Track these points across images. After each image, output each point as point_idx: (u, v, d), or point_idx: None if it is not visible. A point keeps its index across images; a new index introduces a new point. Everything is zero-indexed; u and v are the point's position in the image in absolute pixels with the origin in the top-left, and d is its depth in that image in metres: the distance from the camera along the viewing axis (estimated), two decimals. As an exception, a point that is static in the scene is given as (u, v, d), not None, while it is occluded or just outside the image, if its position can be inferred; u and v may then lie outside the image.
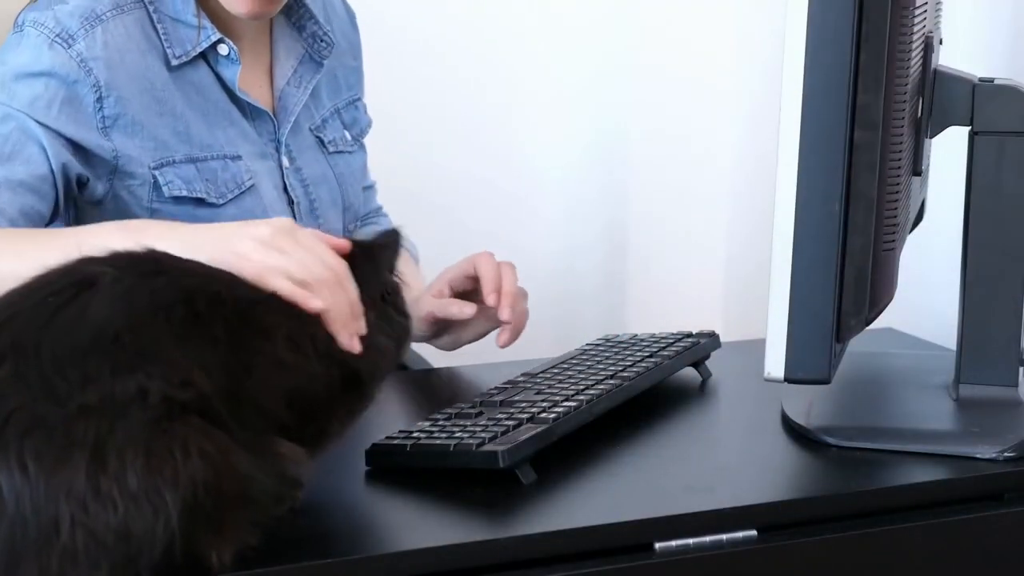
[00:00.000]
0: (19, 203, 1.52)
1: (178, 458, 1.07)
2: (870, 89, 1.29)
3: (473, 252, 1.74)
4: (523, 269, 2.63)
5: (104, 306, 1.13)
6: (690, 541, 1.24)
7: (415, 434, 1.35)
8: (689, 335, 1.67)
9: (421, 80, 1.88)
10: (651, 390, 1.54)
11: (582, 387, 1.46)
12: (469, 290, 1.72)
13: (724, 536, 1.25)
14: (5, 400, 1.07)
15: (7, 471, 1.05)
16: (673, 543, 1.24)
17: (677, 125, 2.59)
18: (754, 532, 1.26)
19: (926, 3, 1.44)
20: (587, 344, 1.66)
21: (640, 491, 1.35)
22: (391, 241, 1.33)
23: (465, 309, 1.69)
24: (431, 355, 1.97)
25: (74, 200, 1.61)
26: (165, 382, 1.10)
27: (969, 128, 1.47)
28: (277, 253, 1.27)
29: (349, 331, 1.25)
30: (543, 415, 1.36)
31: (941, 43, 1.58)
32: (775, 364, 1.32)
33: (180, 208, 1.62)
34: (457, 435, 1.32)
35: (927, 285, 2.03)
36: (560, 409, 1.38)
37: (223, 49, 1.65)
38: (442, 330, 1.74)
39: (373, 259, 1.31)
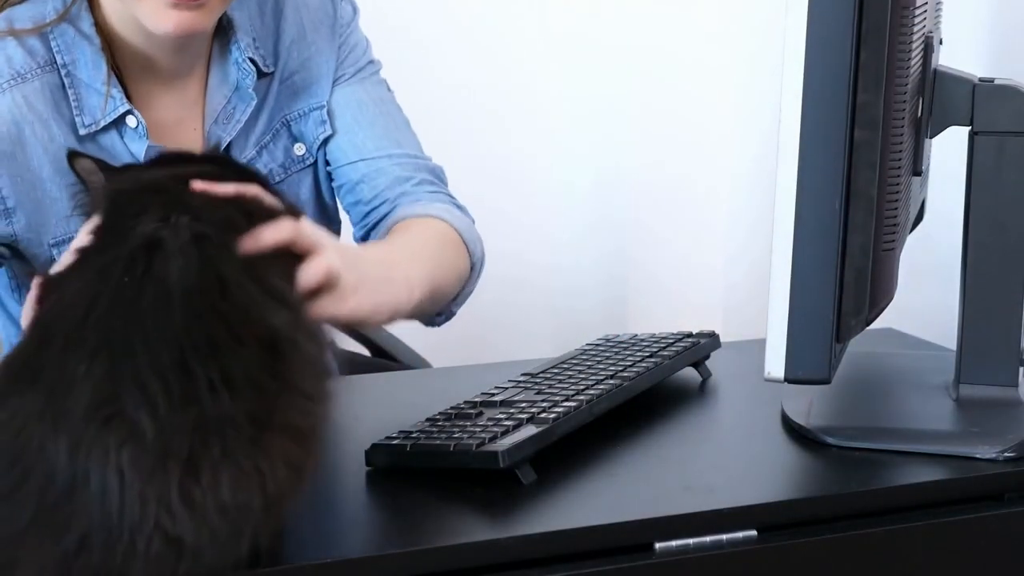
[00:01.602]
0: None
1: (265, 471, 1.09)
2: (870, 89, 1.29)
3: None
4: (523, 269, 2.64)
5: (181, 271, 1.13)
6: (690, 541, 1.24)
7: (415, 434, 1.35)
8: (689, 335, 1.67)
9: (422, 86, 1.88)
10: (651, 390, 1.54)
11: (582, 387, 1.46)
12: None
13: (724, 536, 1.25)
14: (106, 405, 1.07)
15: (99, 467, 1.05)
16: (673, 543, 1.24)
17: (677, 124, 2.59)
18: (754, 532, 1.26)
19: (926, 3, 1.44)
20: (587, 344, 1.66)
21: (640, 491, 1.35)
22: None
23: None
24: (431, 355, 1.97)
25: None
26: (254, 402, 1.10)
27: (969, 128, 1.47)
28: None
29: None
30: (543, 415, 1.36)
31: (941, 43, 1.58)
32: (775, 364, 1.32)
33: None
34: (457, 435, 1.32)
35: (927, 285, 2.03)
36: (560, 409, 1.38)
37: (131, 121, 1.58)
38: None
39: None
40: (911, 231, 1.61)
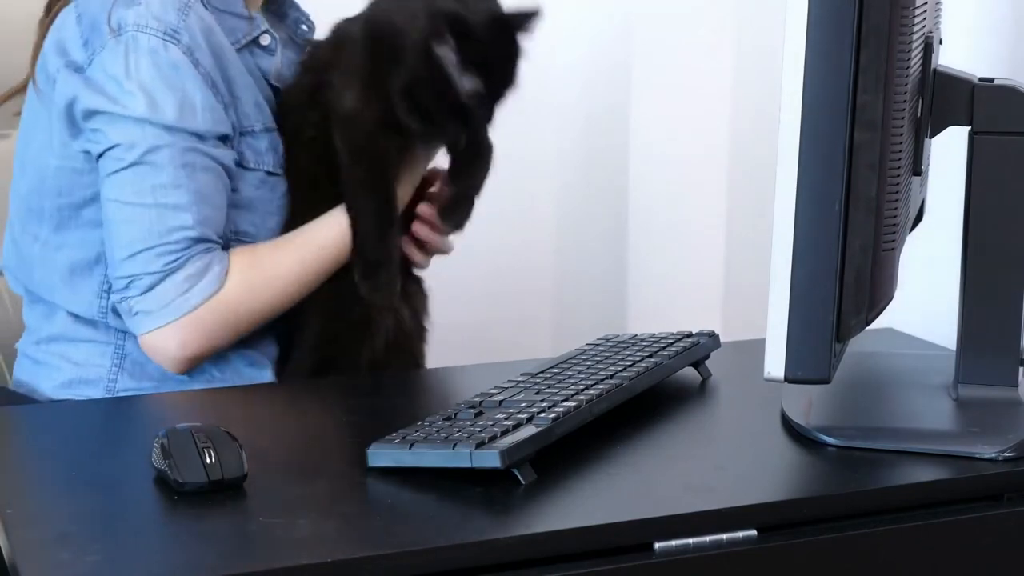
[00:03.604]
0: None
1: None
2: (870, 89, 1.29)
3: (473, 251, 1.73)
4: (523, 269, 2.64)
5: None
6: (690, 541, 1.24)
7: (415, 434, 1.35)
8: (689, 335, 1.67)
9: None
10: (651, 390, 1.54)
11: (582, 387, 1.46)
12: None
13: (724, 536, 1.25)
14: None
15: None
16: (673, 543, 1.24)
17: (677, 124, 2.59)
18: (754, 532, 1.26)
19: (926, 3, 1.44)
20: (587, 344, 1.66)
21: (640, 491, 1.35)
22: None
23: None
24: (431, 355, 1.97)
25: None
26: None
27: (969, 128, 1.47)
28: None
29: None
30: (543, 415, 1.36)
31: (941, 43, 1.58)
32: (775, 364, 1.32)
33: (252, 174, 1.74)
34: (457, 435, 1.32)
35: (927, 285, 2.03)
36: (560, 409, 1.38)
37: (265, 39, 1.75)
38: None
39: None
40: (911, 231, 1.61)
